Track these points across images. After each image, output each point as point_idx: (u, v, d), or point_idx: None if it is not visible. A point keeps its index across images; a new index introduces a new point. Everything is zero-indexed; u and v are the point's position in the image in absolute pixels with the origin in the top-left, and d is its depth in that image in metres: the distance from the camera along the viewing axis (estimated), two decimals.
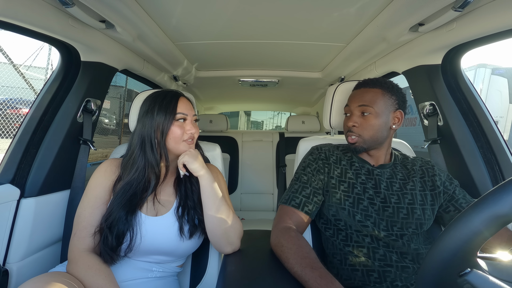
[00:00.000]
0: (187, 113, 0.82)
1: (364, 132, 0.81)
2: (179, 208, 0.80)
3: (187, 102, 0.85)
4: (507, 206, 0.35)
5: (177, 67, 1.56)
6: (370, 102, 0.80)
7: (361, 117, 0.82)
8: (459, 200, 0.80)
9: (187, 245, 0.80)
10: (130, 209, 0.75)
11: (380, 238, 0.76)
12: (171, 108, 0.79)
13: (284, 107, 3.32)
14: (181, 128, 0.80)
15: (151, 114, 0.79)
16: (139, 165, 0.78)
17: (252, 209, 2.37)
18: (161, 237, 0.77)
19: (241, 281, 0.63)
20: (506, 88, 4.61)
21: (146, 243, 0.75)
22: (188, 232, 0.79)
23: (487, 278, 0.36)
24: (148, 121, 0.79)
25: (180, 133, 0.79)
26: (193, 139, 0.83)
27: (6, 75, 4.43)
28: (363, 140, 0.82)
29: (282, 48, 1.32)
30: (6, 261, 0.87)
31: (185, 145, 0.81)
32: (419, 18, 0.85)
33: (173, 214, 0.80)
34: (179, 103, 0.82)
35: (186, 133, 0.81)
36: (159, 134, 0.78)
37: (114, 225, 0.73)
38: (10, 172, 0.91)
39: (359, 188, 0.81)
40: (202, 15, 0.99)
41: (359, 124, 0.82)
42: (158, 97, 0.81)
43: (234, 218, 0.81)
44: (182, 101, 0.83)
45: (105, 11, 0.84)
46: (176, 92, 0.85)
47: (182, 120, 0.81)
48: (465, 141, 0.96)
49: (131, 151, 0.81)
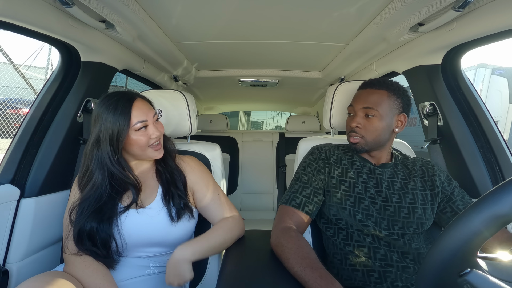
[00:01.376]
0: (146, 119, 0.74)
1: (367, 134, 0.81)
2: (165, 196, 0.80)
3: (143, 105, 0.76)
4: (507, 206, 0.35)
5: (177, 67, 1.56)
6: (375, 104, 0.79)
7: (364, 118, 0.81)
8: (456, 202, 0.80)
9: (177, 232, 0.79)
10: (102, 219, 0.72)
11: (381, 238, 0.75)
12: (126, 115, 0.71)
13: (284, 107, 3.32)
14: (144, 135, 0.75)
15: (104, 124, 0.71)
16: (95, 181, 0.73)
17: (252, 209, 2.37)
18: (150, 226, 0.76)
19: (241, 281, 0.63)
20: (506, 88, 4.61)
21: (136, 235, 0.75)
22: (176, 215, 0.79)
23: (487, 278, 0.36)
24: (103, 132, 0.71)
25: (145, 141, 0.75)
26: (160, 141, 0.80)
27: (6, 75, 4.43)
28: (365, 141, 0.82)
29: (282, 48, 1.32)
30: (6, 261, 0.87)
31: (152, 151, 0.78)
32: (419, 18, 0.85)
33: (159, 202, 0.80)
34: (134, 110, 0.73)
35: (151, 138, 0.76)
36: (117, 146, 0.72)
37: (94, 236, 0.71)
38: (10, 172, 0.91)
39: (361, 187, 0.81)
40: (202, 15, 0.99)
41: (363, 125, 0.81)
42: (109, 106, 0.72)
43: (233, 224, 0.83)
44: (137, 106, 0.74)
45: (105, 11, 0.84)
46: (129, 96, 0.75)
47: (143, 128, 0.75)
48: (465, 141, 0.95)
49: (85, 166, 0.75)
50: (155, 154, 0.79)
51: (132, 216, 0.76)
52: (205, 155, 1.07)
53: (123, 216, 0.75)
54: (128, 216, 0.76)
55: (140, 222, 0.76)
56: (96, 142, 0.73)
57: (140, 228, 0.76)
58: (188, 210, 0.82)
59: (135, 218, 0.76)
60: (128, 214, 0.76)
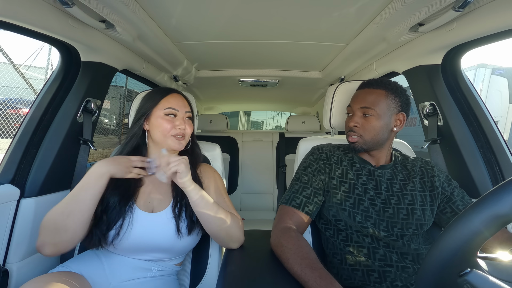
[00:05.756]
0: (177, 109, 0.82)
1: (365, 133, 0.81)
2: (176, 206, 0.80)
3: (180, 98, 0.85)
4: (507, 206, 0.35)
5: (177, 67, 1.56)
6: (373, 103, 0.80)
7: (362, 118, 0.82)
8: (456, 202, 0.80)
9: (185, 242, 0.79)
10: (123, 198, 0.76)
11: (380, 239, 0.76)
12: (157, 99, 0.82)
13: (284, 107, 3.32)
14: (169, 122, 0.80)
15: (140, 104, 0.84)
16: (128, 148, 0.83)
17: (252, 209, 2.37)
18: (158, 234, 0.76)
19: (241, 281, 0.63)
20: (506, 88, 4.61)
21: (142, 239, 0.75)
22: (187, 228, 0.78)
23: (487, 278, 0.36)
24: (138, 110, 0.84)
25: (168, 128, 0.79)
26: (184, 136, 0.82)
27: (6, 75, 4.43)
28: (363, 141, 0.82)
29: (282, 48, 1.32)
30: (6, 261, 0.87)
31: (174, 140, 0.80)
32: (419, 18, 0.85)
33: (169, 212, 0.79)
34: (169, 98, 0.83)
35: (176, 128, 0.80)
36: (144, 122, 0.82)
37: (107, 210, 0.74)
38: (10, 172, 0.91)
39: (360, 188, 0.81)
40: (202, 15, 0.99)
41: (360, 124, 0.82)
42: (152, 91, 0.85)
43: (233, 218, 0.80)
44: (173, 96, 0.84)
45: (105, 11, 0.84)
46: (168, 89, 0.86)
47: (172, 116, 0.81)
48: (465, 141, 0.95)
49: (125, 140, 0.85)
50: (175, 144, 0.81)
51: (141, 218, 0.76)
52: (205, 155, 1.07)
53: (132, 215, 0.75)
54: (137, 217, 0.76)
55: (149, 226, 0.76)
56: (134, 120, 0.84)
57: (148, 232, 0.75)
58: (200, 224, 0.80)
59: (146, 221, 0.76)
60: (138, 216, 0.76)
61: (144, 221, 0.76)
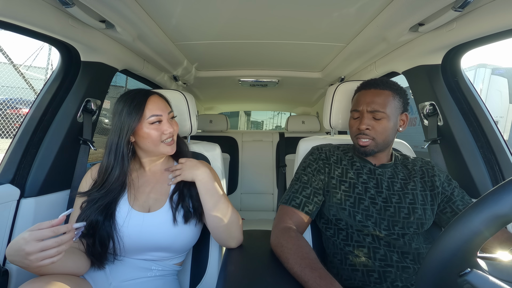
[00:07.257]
0: (161, 114, 0.78)
1: (377, 136, 0.80)
2: (173, 195, 0.80)
3: (159, 100, 0.80)
4: (507, 206, 0.35)
5: (177, 67, 1.56)
6: (382, 105, 0.79)
7: (373, 119, 0.80)
8: (456, 202, 0.80)
9: (184, 237, 0.79)
10: (107, 215, 0.74)
11: (381, 238, 0.75)
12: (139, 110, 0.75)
13: (284, 107, 3.32)
14: (157, 129, 0.77)
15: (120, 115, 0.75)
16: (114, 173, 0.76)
17: (252, 209, 2.37)
18: (156, 232, 0.76)
19: (241, 281, 0.63)
20: (506, 88, 4.61)
21: (140, 239, 0.75)
22: (183, 218, 0.78)
23: (487, 278, 0.36)
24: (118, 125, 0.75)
25: (157, 135, 0.77)
26: (173, 138, 0.82)
27: (6, 75, 4.42)
28: (375, 143, 0.80)
29: (282, 48, 1.32)
30: (6, 261, 0.86)
31: (165, 146, 0.80)
32: (419, 18, 0.85)
33: (167, 207, 0.79)
34: (149, 104, 0.76)
35: (164, 133, 0.78)
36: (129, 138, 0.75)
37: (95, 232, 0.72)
38: (10, 172, 0.91)
39: (361, 187, 0.81)
40: (202, 15, 0.99)
41: (372, 127, 0.80)
42: (127, 99, 0.76)
43: (235, 213, 0.81)
44: (152, 101, 0.78)
45: (105, 11, 0.84)
46: (146, 91, 0.80)
47: (157, 123, 0.77)
48: (465, 141, 0.95)
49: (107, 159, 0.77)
50: (168, 150, 0.80)
51: (138, 219, 0.76)
52: (205, 155, 1.07)
53: (128, 218, 0.75)
54: (134, 220, 0.76)
55: (147, 226, 0.76)
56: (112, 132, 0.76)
57: (144, 233, 0.75)
58: (197, 214, 0.81)
59: (140, 222, 0.76)
60: (134, 218, 0.76)
61: (141, 222, 0.76)
